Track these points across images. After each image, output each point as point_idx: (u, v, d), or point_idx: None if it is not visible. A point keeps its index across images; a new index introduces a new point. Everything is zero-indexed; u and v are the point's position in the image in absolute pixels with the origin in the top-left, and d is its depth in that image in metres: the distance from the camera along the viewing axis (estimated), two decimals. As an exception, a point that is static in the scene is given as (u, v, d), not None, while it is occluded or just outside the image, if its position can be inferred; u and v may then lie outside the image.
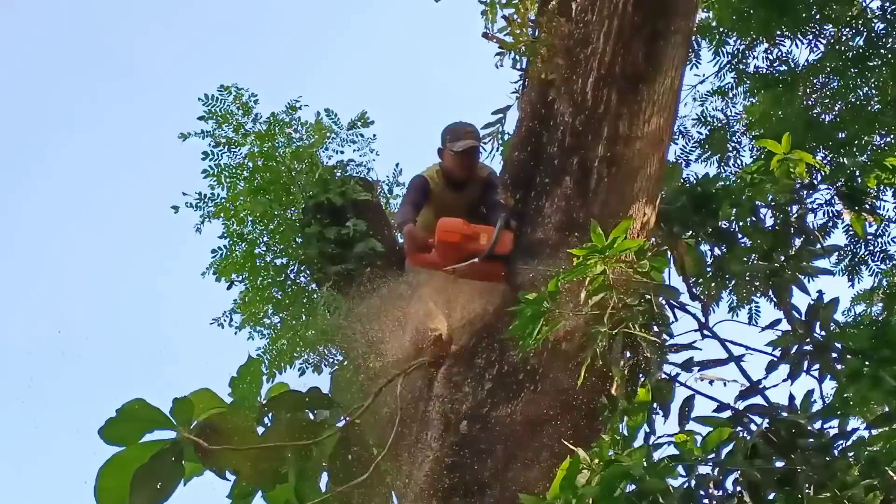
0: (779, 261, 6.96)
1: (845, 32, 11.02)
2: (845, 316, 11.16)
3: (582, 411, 6.41)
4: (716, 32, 11.20)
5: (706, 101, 11.56)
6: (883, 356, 6.00)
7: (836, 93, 11.01)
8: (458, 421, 6.55)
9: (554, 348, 6.45)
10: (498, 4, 8.10)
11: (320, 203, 8.24)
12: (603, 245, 5.80)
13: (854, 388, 5.98)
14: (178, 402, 7.69)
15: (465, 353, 6.81)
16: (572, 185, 6.77)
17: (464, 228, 6.95)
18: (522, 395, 6.45)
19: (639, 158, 6.75)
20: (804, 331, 6.40)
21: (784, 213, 7.28)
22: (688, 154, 11.33)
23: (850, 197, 7.47)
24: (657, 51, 6.81)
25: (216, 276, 8.54)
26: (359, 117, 8.82)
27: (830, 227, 8.81)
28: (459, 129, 7.60)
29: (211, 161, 8.66)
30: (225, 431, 7.68)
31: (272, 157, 8.56)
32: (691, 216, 7.22)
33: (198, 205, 8.57)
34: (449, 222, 7.00)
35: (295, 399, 7.86)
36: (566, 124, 6.90)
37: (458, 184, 7.62)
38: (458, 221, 7.01)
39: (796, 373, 6.29)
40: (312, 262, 8.19)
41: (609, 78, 6.79)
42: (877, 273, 10.87)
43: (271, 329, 8.44)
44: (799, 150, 7.23)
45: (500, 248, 6.79)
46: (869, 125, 10.82)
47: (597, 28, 6.87)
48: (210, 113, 8.65)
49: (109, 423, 7.72)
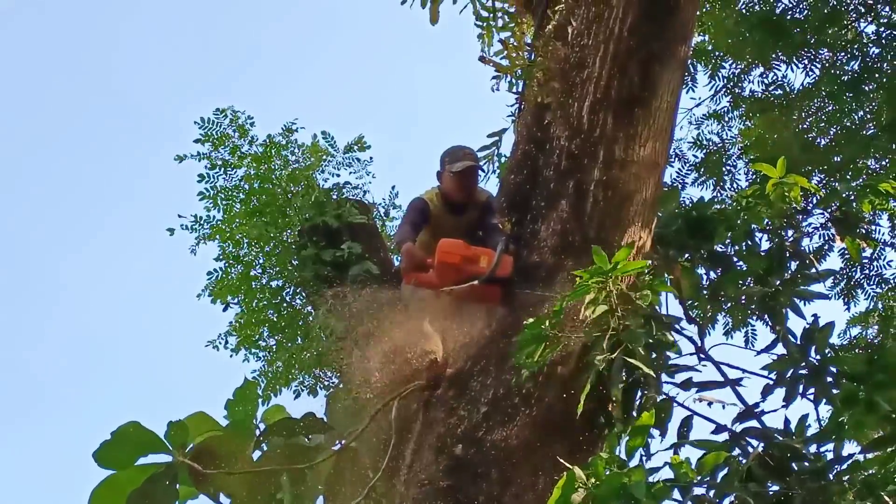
0: (774, 284, 6.96)
1: (840, 57, 11.07)
2: (841, 339, 11.18)
3: (578, 435, 6.40)
4: (711, 56, 11.24)
5: (702, 124, 11.60)
6: (878, 381, 6.01)
7: (831, 117, 11.04)
8: (454, 444, 6.53)
9: (550, 372, 6.45)
10: (494, 28, 8.14)
11: (316, 225, 8.24)
12: (606, 267, 5.82)
13: (849, 413, 5.98)
14: (173, 426, 7.66)
15: (461, 376, 6.80)
16: (568, 208, 6.77)
17: (464, 250, 6.95)
18: (518, 418, 6.43)
19: (634, 182, 6.75)
20: (800, 355, 6.41)
21: (779, 236, 7.28)
22: (684, 177, 11.37)
23: (845, 222, 7.48)
24: (653, 74, 6.83)
25: (211, 298, 8.53)
26: (355, 141, 8.84)
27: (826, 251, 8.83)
28: (458, 151, 7.60)
29: (207, 183, 8.67)
30: (220, 455, 7.65)
31: (268, 179, 8.57)
32: (687, 240, 7.22)
33: (193, 227, 8.57)
34: (449, 243, 6.99)
35: (290, 425, 7.84)
36: (562, 148, 6.91)
37: (456, 207, 7.61)
38: (458, 242, 7.00)
39: (792, 396, 6.30)
40: (308, 284, 8.18)
41: (605, 101, 6.81)
42: (872, 297, 10.88)
43: (267, 351, 8.43)
44: (794, 174, 7.24)
45: (501, 272, 6.78)
46: (864, 149, 10.86)
47: (593, 52, 6.89)
48: (206, 135, 8.66)
49: (103, 445, 7.68)
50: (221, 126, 8.67)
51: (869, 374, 6.10)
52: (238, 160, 8.64)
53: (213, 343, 8.59)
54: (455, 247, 6.96)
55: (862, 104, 11.03)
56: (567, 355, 6.42)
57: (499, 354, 6.67)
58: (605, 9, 6.91)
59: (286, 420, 7.92)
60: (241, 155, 8.65)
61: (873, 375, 6.07)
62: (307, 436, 7.86)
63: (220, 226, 8.53)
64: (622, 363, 6.01)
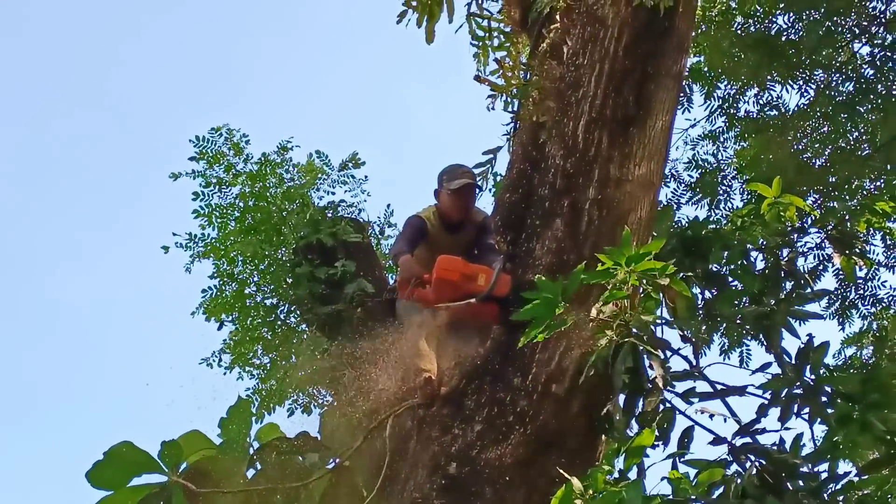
0: (769, 304, 6.96)
1: (835, 78, 11.11)
2: (836, 358, 11.19)
3: (573, 453, 6.40)
4: (707, 77, 11.27)
5: (697, 144, 11.62)
6: (872, 401, 6.01)
7: (826, 137, 11.08)
8: (448, 462, 6.52)
9: (544, 390, 6.44)
10: (490, 47, 8.15)
11: (311, 243, 8.23)
12: (631, 255, 5.82)
13: (844, 433, 5.97)
14: (167, 445, 7.61)
15: (456, 394, 6.79)
16: (563, 227, 6.77)
17: (463, 267, 6.92)
18: (512, 437, 6.43)
19: (629, 201, 6.76)
20: (794, 374, 6.40)
21: (774, 256, 7.30)
22: (679, 197, 11.38)
23: (840, 241, 7.49)
24: (648, 94, 6.85)
25: (206, 315, 8.51)
26: (350, 158, 8.84)
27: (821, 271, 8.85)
28: (456, 170, 7.60)
29: (202, 201, 8.66)
30: (214, 474, 7.61)
31: (263, 197, 8.57)
32: (682, 259, 7.22)
33: (188, 245, 8.56)
34: (449, 260, 6.96)
35: (284, 444, 7.81)
36: (557, 166, 6.91)
37: (453, 226, 7.60)
38: (457, 259, 6.98)
39: (787, 416, 6.29)
40: (302, 302, 8.16)
41: (600, 121, 6.82)
42: (867, 317, 10.89)
43: (261, 369, 8.40)
44: (789, 194, 7.26)
45: (499, 290, 6.76)
46: (859, 170, 10.89)
47: (588, 71, 6.91)
48: (201, 153, 8.66)
49: (96, 466, 7.61)
50: (216, 144, 8.66)
51: (863, 395, 6.10)
52: (233, 178, 8.63)
53: (208, 361, 8.57)
54: (454, 263, 6.94)
55: (857, 125, 11.07)
56: (560, 373, 6.42)
57: (493, 373, 6.66)
58: (600, 28, 6.92)
59: (280, 439, 7.89)
60: (236, 173, 8.64)
61: (867, 395, 6.07)
62: (301, 454, 7.83)
63: (215, 243, 8.52)
64: (627, 355, 5.99)
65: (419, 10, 8.15)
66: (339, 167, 8.77)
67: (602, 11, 6.94)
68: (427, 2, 8.00)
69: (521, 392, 6.50)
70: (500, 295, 6.75)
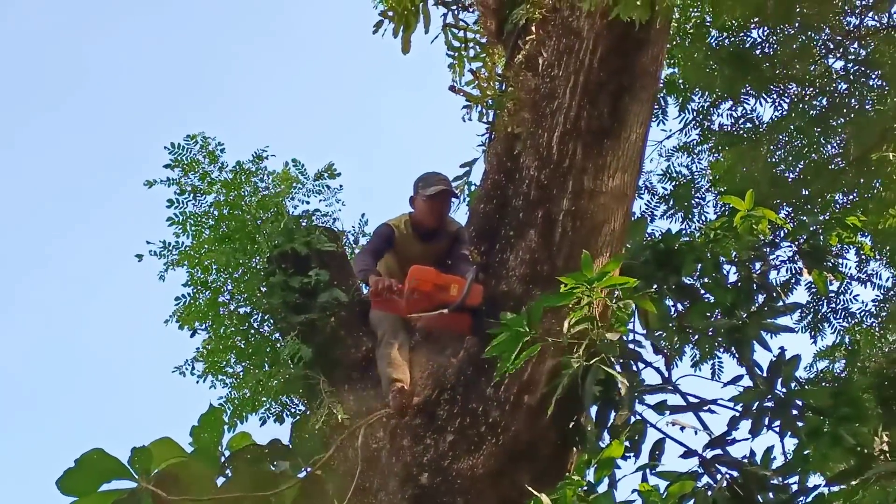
0: (741, 317, 6.99)
1: (809, 92, 11.16)
2: (808, 372, 11.22)
3: (544, 464, 6.42)
4: (681, 89, 11.30)
5: (672, 156, 11.64)
6: (842, 414, 6.05)
7: (799, 151, 11.11)
8: (420, 472, 6.53)
9: (517, 401, 6.46)
10: (466, 58, 8.16)
11: (285, 252, 8.20)
12: (592, 276, 5.86)
13: (814, 446, 6.01)
14: (137, 452, 7.60)
15: (428, 404, 6.80)
16: (537, 238, 6.79)
17: (436, 278, 6.91)
18: (484, 447, 6.44)
19: (603, 213, 6.78)
20: (766, 387, 6.44)
21: (747, 269, 7.33)
22: (653, 209, 11.40)
23: (812, 255, 7.53)
24: (622, 106, 6.87)
25: (179, 324, 8.47)
26: (325, 168, 8.81)
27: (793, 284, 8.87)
28: (432, 177, 7.61)
29: (176, 209, 8.62)
30: (185, 482, 7.59)
31: (238, 205, 8.53)
32: (655, 271, 7.25)
33: (162, 253, 8.52)
34: (421, 270, 6.95)
35: (256, 452, 7.80)
36: (531, 178, 6.93)
37: (426, 234, 7.60)
38: (430, 270, 6.98)
39: (758, 428, 6.32)
40: (276, 311, 8.14)
41: (574, 132, 6.84)
42: (838, 330, 10.94)
43: (233, 378, 8.36)
44: (762, 207, 7.29)
45: (471, 300, 6.77)
46: (832, 184, 10.93)
47: (563, 83, 6.93)
48: (176, 161, 8.62)
49: (67, 473, 7.60)
50: (192, 152, 8.63)
51: (834, 408, 6.14)
52: (208, 186, 8.59)
53: (180, 369, 8.52)
54: (427, 274, 6.93)
55: (830, 139, 11.11)
56: (533, 384, 6.44)
57: (466, 383, 6.67)
58: (575, 41, 6.94)
59: (252, 447, 7.88)
60: (211, 181, 8.59)
61: (838, 409, 6.12)
62: (272, 463, 7.82)
63: (189, 251, 8.48)
64: (598, 371, 6.03)
65: (395, 20, 8.14)
66: (314, 177, 8.75)
67: (577, 23, 6.96)
68: (403, 12, 8.00)
69: (493, 403, 6.52)
70: (473, 305, 6.76)
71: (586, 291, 5.95)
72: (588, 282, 5.91)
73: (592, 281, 5.92)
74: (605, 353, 6.10)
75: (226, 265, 8.35)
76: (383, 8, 7.63)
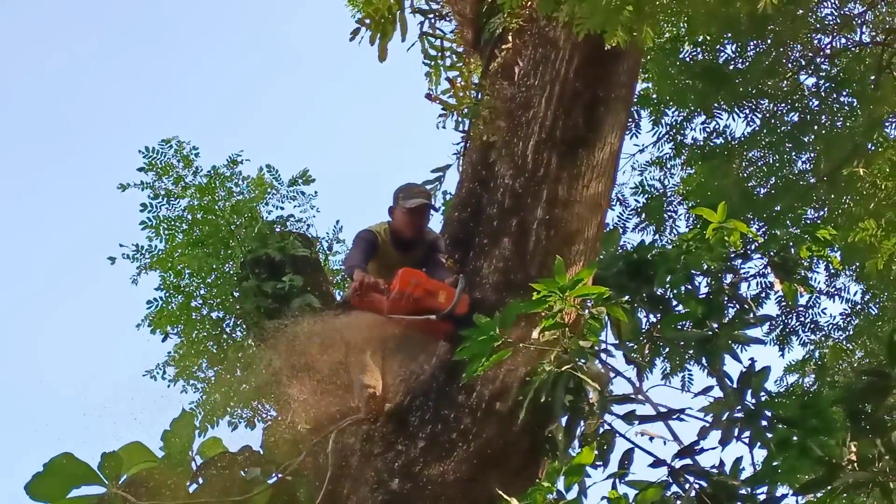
0: (712, 328, 7.02)
1: (780, 108, 11.24)
2: (778, 386, 11.29)
3: (515, 471, 6.43)
4: (655, 103, 11.37)
5: (645, 170, 11.71)
6: (811, 426, 6.07)
7: (770, 166, 11.20)
8: (391, 478, 6.53)
9: (488, 408, 6.47)
10: (442, 67, 8.20)
11: (259, 257, 8.21)
12: (565, 283, 5.88)
13: (783, 457, 6.03)
14: (107, 457, 7.55)
15: (400, 410, 6.80)
16: (511, 246, 6.80)
17: (426, 283, 6.87)
18: (455, 453, 6.44)
19: (577, 222, 6.81)
20: (736, 398, 6.45)
21: (718, 280, 7.36)
22: (625, 221, 11.45)
23: (783, 267, 7.57)
24: (597, 117, 6.91)
25: (151, 328, 8.47)
26: (300, 174, 8.84)
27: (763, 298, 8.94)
28: (412, 189, 7.58)
29: (150, 213, 8.63)
30: (155, 487, 7.55)
31: (212, 210, 8.54)
32: (627, 282, 7.27)
33: (135, 256, 8.52)
34: (412, 273, 6.89)
35: (227, 458, 7.77)
36: (506, 186, 6.95)
37: (404, 243, 7.57)
38: (421, 274, 6.92)
39: (727, 439, 6.34)
40: (249, 316, 8.14)
41: (549, 142, 6.87)
42: (807, 343, 11.02)
43: (205, 383, 8.37)
44: (733, 220, 7.32)
45: (459, 309, 6.74)
46: (802, 199, 11.01)
47: (539, 92, 6.96)
48: (150, 165, 8.63)
49: (35, 478, 7.53)
50: (166, 156, 8.64)
51: (802, 420, 6.16)
52: (182, 190, 8.61)
53: (152, 373, 8.52)
54: (417, 278, 6.87)
55: (801, 154, 11.21)
56: (504, 391, 6.45)
57: (438, 390, 6.68)
58: (552, 50, 6.98)
59: (223, 453, 7.86)
60: (185, 185, 8.62)
61: (807, 421, 6.13)
62: (243, 468, 7.79)
63: (162, 255, 8.48)
64: (568, 378, 6.05)
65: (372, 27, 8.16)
66: (288, 182, 8.77)
67: (554, 33, 6.99)
68: (380, 20, 8.02)
69: (465, 409, 6.53)
70: (460, 314, 6.73)
71: (559, 299, 5.98)
72: (561, 289, 5.93)
73: (565, 289, 5.94)
74: (575, 364, 6.11)
75: (199, 269, 8.37)
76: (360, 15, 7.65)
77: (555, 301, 5.99)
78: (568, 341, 6.18)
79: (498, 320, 5.98)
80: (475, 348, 5.97)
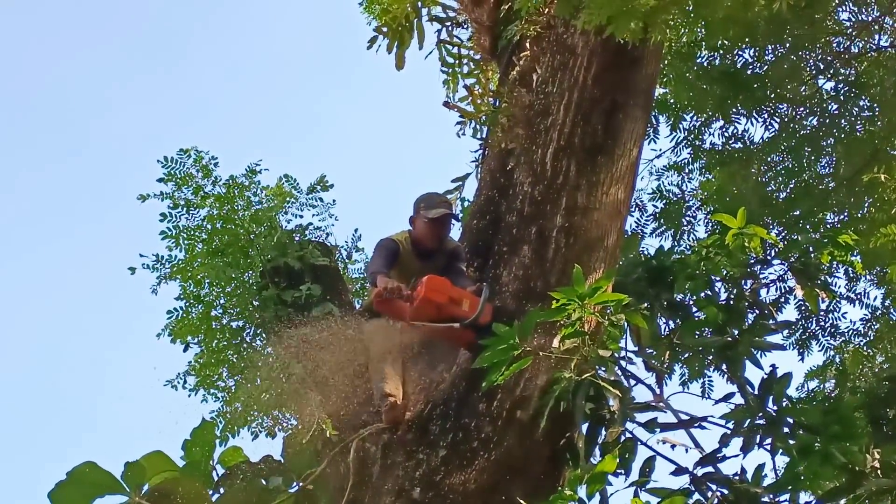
0: (733, 334, 7.00)
1: (799, 112, 11.20)
2: (799, 392, 11.23)
3: (536, 479, 6.42)
4: (673, 108, 11.34)
5: (663, 175, 11.67)
6: (833, 432, 6.05)
7: (789, 171, 11.15)
8: (412, 487, 6.52)
9: (509, 417, 6.47)
10: (460, 74, 8.21)
11: (278, 266, 8.23)
12: (584, 291, 5.88)
13: (805, 464, 6.01)
14: (130, 466, 7.58)
15: (421, 419, 6.79)
16: (530, 254, 6.80)
17: (451, 291, 6.85)
18: (476, 462, 6.44)
19: (597, 229, 6.80)
20: (757, 405, 6.44)
21: (738, 287, 7.34)
22: (643, 227, 11.41)
23: (803, 272, 7.54)
24: (616, 124, 6.90)
25: (171, 337, 8.49)
26: (318, 180, 8.85)
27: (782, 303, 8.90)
28: (434, 198, 7.56)
29: (169, 223, 8.65)
30: (177, 496, 7.57)
31: (231, 219, 8.56)
32: (647, 288, 7.26)
33: (155, 266, 8.54)
34: (438, 280, 6.87)
35: (248, 467, 7.78)
36: (525, 194, 6.95)
37: (424, 252, 7.55)
38: (446, 282, 6.90)
39: (749, 446, 6.32)
40: (269, 325, 8.15)
41: (568, 149, 6.86)
42: (826, 348, 10.96)
43: (225, 392, 8.38)
44: (753, 225, 7.30)
45: (484, 319, 6.72)
46: (822, 203, 10.97)
47: (557, 99, 6.95)
48: (170, 175, 8.65)
49: (59, 486, 7.57)
50: (185, 166, 8.66)
51: (825, 426, 6.14)
52: (201, 200, 8.63)
53: (172, 383, 8.54)
54: (443, 285, 6.85)
55: (820, 159, 11.16)
56: (525, 399, 6.44)
57: (458, 398, 6.68)
58: (570, 57, 6.98)
59: (244, 462, 7.87)
60: (204, 195, 8.63)
61: (829, 427, 6.11)
62: (264, 478, 7.80)
63: (182, 265, 8.50)
64: (589, 386, 6.05)
65: (390, 35, 8.20)
66: (307, 190, 8.78)
67: (572, 40, 6.99)
68: (398, 28, 8.05)
69: (485, 418, 6.52)
70: (484, 323, 6.71)
71: (578, 307, 5.98)
72: (580, 297, 5.93)
73: (584, 296, 5.94)
74: (595, 373, 6.11)
75: (218, 279, 8.37)
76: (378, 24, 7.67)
77: (574, 309, 5.99)
78: (588, 349, 6.18)
79: (517, 329, 5.98)
80: (495, 356, 5.98)
